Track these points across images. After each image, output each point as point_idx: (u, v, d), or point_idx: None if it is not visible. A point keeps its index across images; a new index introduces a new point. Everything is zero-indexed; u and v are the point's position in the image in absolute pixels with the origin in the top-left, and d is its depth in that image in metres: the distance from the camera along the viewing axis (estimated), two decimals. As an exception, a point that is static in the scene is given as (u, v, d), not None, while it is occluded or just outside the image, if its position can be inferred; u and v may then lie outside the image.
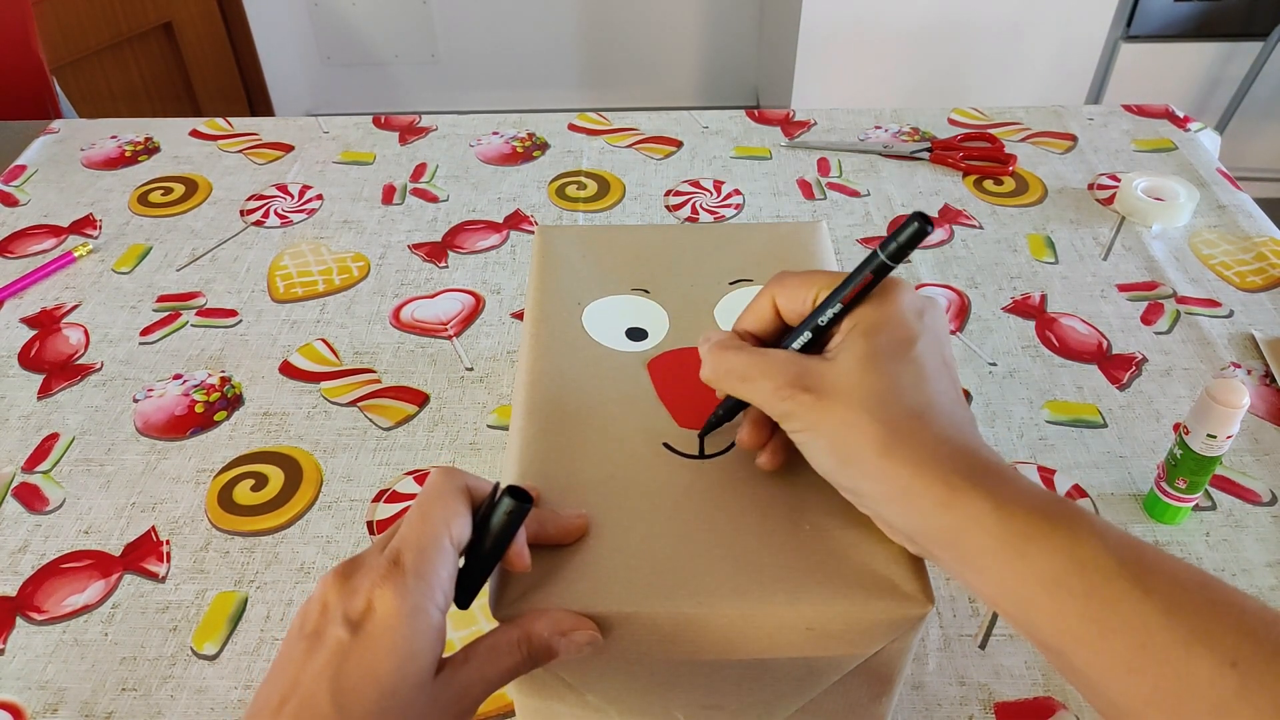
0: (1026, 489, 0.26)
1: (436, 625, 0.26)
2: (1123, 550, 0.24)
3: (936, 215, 0.67)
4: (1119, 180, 0.69)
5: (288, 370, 0.55)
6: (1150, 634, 0.23)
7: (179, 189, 0.71)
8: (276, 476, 0.49)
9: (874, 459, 0.26)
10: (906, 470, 0.26)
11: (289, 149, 0.76)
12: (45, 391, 0.54)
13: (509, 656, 0.27)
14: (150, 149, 0.76)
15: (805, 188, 0.70)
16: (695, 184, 0.71)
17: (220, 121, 0.79)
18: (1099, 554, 0.24)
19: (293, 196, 0.70)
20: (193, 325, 0.59)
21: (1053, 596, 0.24)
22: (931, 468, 0.26)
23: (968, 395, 0.53)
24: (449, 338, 0.57)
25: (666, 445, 0.33)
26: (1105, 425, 0.51)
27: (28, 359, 0.56)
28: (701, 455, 0.33)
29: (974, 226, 0.66)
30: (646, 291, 0.40)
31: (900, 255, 0.28)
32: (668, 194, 0.70)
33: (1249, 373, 0.54)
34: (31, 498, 0.48)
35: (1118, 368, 0.54)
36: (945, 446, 0.26)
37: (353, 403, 0.53)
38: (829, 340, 0.29)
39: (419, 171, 0.73)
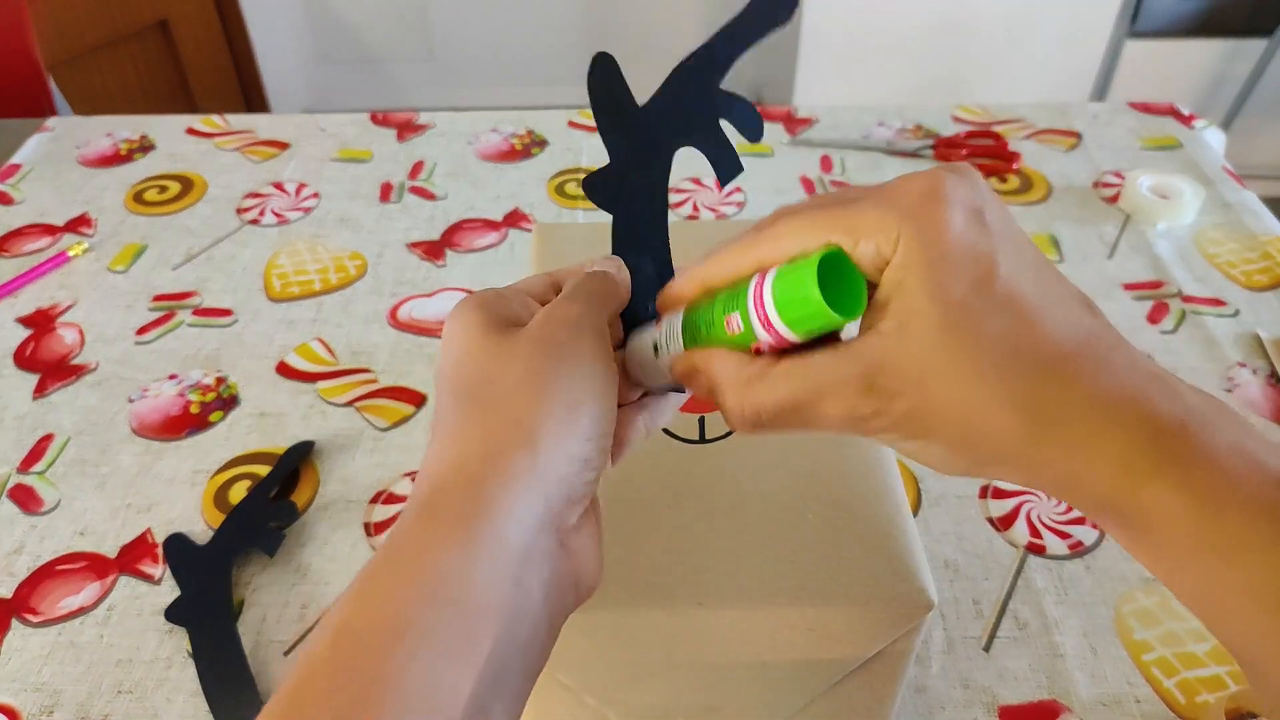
0: (1238, 472, 0.19)
1: (495, 300, 0.26)
2: None
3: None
4: (1124, 178, 0.69)
5: (284, 370, 0.55)
6: None
7: (175, 187, 0.71)
8: (273, 477, 0.48)
9: (1020, 451, 0.19)
10: (1065, 458, 0.19)
11: (285, 146, 0.75)
12: (40, 391, 0.54)
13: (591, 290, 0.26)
14: (146, 147, 0.75)
15: (808, 185, 0.70)
16: (696, 181, 0.70)
17: (216, 119, 0.79)
18: None
19: (289, 194, 0.70)
20: (188, 325, 0.58)
21: (1271, 615, 0.19)
22: (1098, 446, 0.19)
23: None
24: (447, 337, 0.57)
25: (666, 431, 0.33)
26: (1110, 425, 0.50)
27: (23, 359, 0.56)
28: (702, 439, 0.33)
29: (977, 224, 0.66)
30: None
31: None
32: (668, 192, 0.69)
33: (1254, 372, 0.53)
34: (26, 499, 0.47)
35: (1122, 367, 0.54)
36: (1112, 407, 0.19)
37: (349, 403, 0.52)
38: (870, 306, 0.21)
39: (417, 169, 0.72)
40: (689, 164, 0.79)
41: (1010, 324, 0.19)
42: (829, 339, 0.21)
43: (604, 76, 0.28)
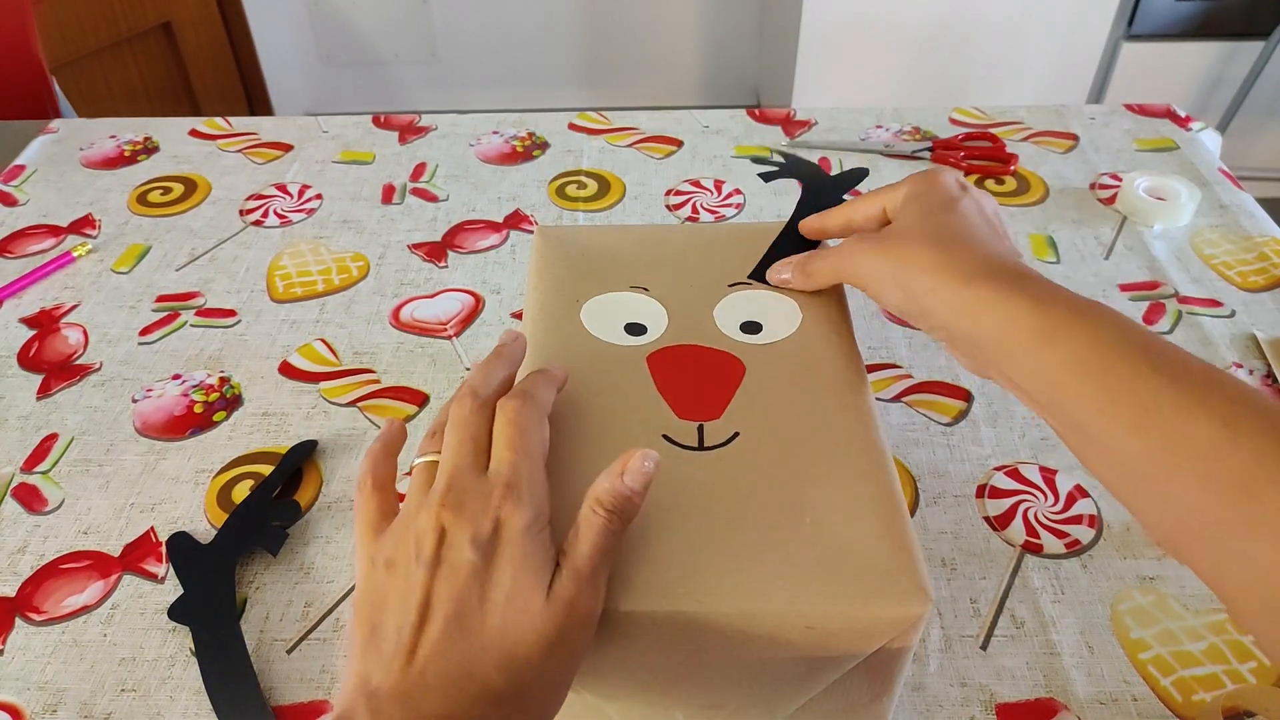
0: (1061, 291, 0.30)
1: (549, 541, 0.28)
2: (1140, 336, 0.28)
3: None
4: (1120, 180, 0.69)
5: (287, 370, 0.55)
6: (1155, 399, 0.26)
7: (178, 189, 0.71)
8: (276, 477, 0.49)
9: (929, 276, 0.32)
10: (956, 281, 0.31)
11: (288, 148, 0.76)
12: (44, 392, 0.54)
13: (591, 527, 0.28)
14: (149, 149, 0.76)
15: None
16: (696, 183, 0.71)
17: (219, 121, 0.79)
18: (1117, 339, 0.28)
19: (292, 196, 0.70)
20: (192, 325, 0.58)
21: (1076, 376, 0.28)
22: (978, 277, 0.31)
23: (969, 396, 0.53)
24: (449, 338, 0.57)
25: (666, 437, 0.33)
26: (1107, 425, 0.50)
27: (27, 359, 0.56)
28: (701, 447, 0.33)
29: (975, 226, 0.66)
30: (645, 289, 0.40)
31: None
32: (668, 193, 0.70)
33: (1250, 373, 0.54)
34: (30, 498, 0.48)
35: (1119, 367, 0.54)
36: (989, 262, 0.32)
37: (352, 403, 0.53)
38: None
39: (419, 171, 0.73)
40: (688, 166, 0.79)
41: (955, 221, 0.34)
42: None
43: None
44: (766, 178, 0.47)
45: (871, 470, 0.32)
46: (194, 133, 0.78)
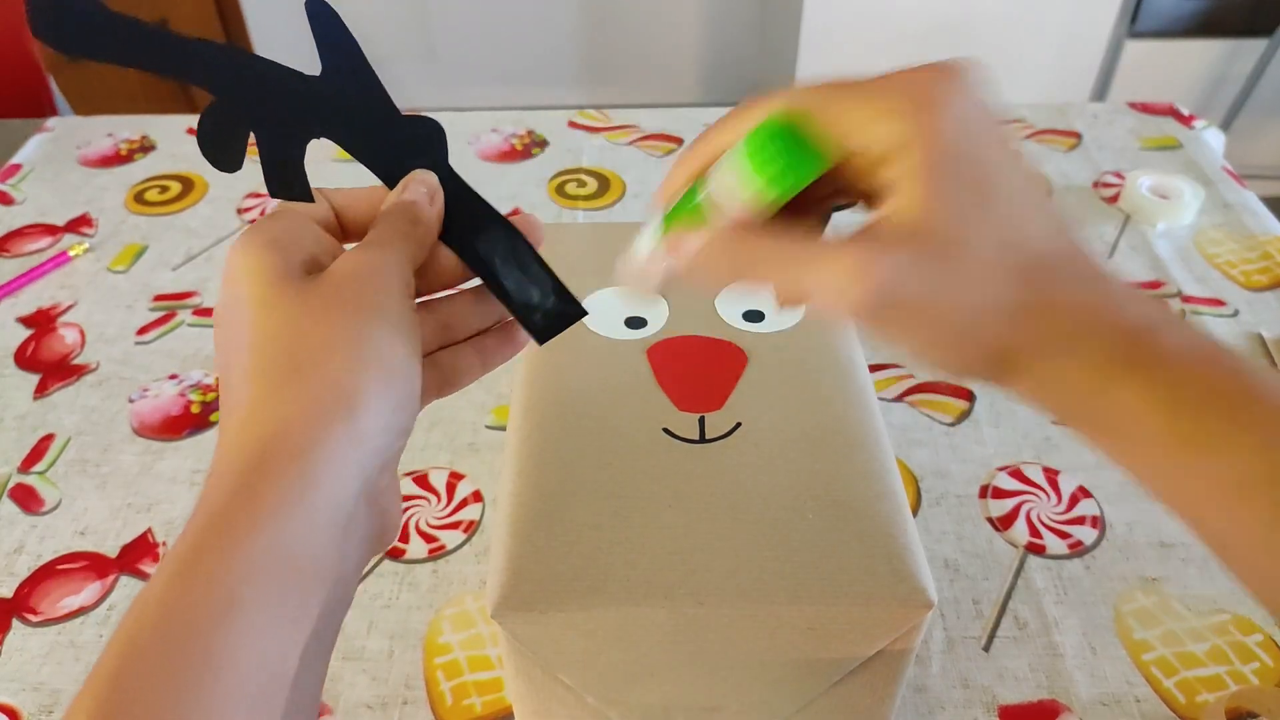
0: (1201, 366, 0.20)
1: (287, 238, 0.25)
2: None
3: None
4: (1124, 178, 0.69)
5: (285, 370, 0.55)
6: None
7: (175, 187, 0.71)
8: (273, 477, 0.48)
9: (1002, 357, 0.21)
10: (1044, 363, 0.21)
11: (287, 147, 0.75)
12: (41, 391, 0.54)
13: (391, 227, 0.26)
14: (146, 147, 0.75)
15: (806, 185, 0.70)
16: (696, 181, 0.70)
17: (218, 119, 0.79)
18: None
19: (290, 194, 0.70)
20: (189, 325, 0.58)
21: (1239, 501, 0.20)
22: (1075, 352, 0.21)
23: (971, 395, 0.52)
24: (447, 337, 0.57)
25: (666, 430, 0.33)
26: (1110, 425, 0.50)
27: (24, 359, 0.56)
28: (702, 439, 0.33)
29: (977, 224, 0.66)
30: None
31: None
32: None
33: (1255, 372, 0.53)
34: (27, 499, 0.47)
35: (1122, 367, 0.54)
36: (1087, 318, 0.21)
37: (350, 402, 0.52)
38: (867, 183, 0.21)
39: (418, 169, 0.72)
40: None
41: (1002, 239, 0.21)
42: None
43: None
44: None
45: (873, 467, 0.32)
46: (191, 131, 0.77)
